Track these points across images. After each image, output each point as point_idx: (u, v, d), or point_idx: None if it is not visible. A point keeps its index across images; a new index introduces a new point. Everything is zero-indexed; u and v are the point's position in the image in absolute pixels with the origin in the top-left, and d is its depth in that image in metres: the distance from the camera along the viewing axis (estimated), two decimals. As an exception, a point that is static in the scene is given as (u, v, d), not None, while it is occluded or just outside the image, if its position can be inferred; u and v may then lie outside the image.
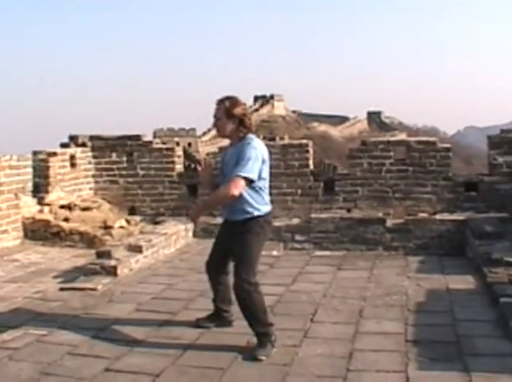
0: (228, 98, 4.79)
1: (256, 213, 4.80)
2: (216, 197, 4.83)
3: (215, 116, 4.80)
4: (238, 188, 4.59)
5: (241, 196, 4.69)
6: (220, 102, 4.78)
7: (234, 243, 4.83)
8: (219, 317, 5.24)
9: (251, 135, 4.81)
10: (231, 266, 4.96)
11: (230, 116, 4.73)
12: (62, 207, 10.04)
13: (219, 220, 5.78)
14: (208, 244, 5.32)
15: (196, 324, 5.22)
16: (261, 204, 4.82)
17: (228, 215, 4.92)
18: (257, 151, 4.68)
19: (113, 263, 7.12)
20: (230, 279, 4.98)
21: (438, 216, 8.80)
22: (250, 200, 4.76)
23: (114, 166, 11.26)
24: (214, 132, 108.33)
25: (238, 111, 4.75)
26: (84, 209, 10.17)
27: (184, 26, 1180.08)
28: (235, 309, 5.07)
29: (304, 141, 10.88)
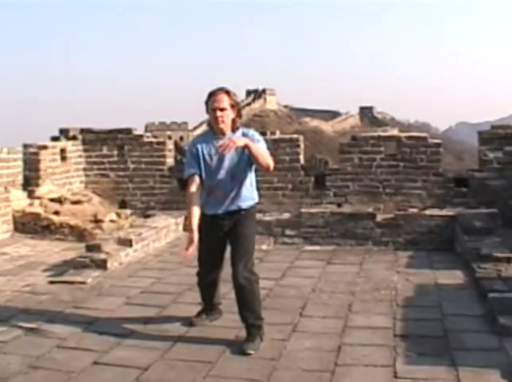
0: (227, 88, 4.68)
1: (257, 199, 4.86)
2: (263, 154, 4.61)
3: (221, 107, 4.60)
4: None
5: (250, 181, 4.74)
6: (225, 92, 4.63)
7: (233, 234, 4.74)
8: (212, 311, 5.21)
9: None
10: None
11: (234, 106, 4.66)
12: (52, 200, 10.01)
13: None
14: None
15: (190, 323, 5.10)
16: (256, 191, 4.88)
17: (229, 205, 4.71)
18: None
19: (103, 256, 7.11)
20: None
21: (428, 212, 8.82)
22: (254, 186, 4.83)
23: (105, 160, 11.25)
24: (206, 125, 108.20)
25: (238, 101, 4.74)
26: (74, 203, 10.15)
27: (172, 24, 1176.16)
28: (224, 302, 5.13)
29: (295, 135, 10.89)
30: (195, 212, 4.67)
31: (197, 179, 4.73)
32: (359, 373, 4.12)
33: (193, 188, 4.75)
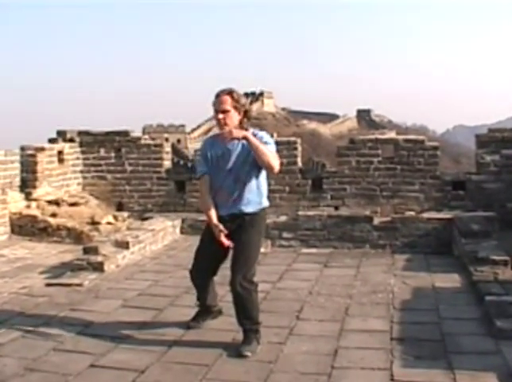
0: (232, 89, 4.60)
1: (264, 204, 4.78)
2: (266, 153, 4.47)
3: (222, 109, 4.53)
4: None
5: (256, 185, 4.68)
6: (227, 93, 4.55)
7: (236, 240, 4.63)
8: (208, 313, 5.18)
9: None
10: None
11: (238, 108, 4.57)
12: (49, 202, 10.00)
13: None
14: (195, 241, 5.17)
15: (187, 326, 5.07)
16: (266, 195, 4.82)
17: (233, 208, 4.66)
18: None
19: (100, 258, 7.11)
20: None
21: (425, 215, 8.83)
22: (262, 189, 4.75)
23: (102, 162, 11.25)
24: (205, 128, 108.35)
25: (244, 102, 4.65)
26: (72, 205, 10.14)
27: (172, 21, 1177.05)
28: (221, 305, 5.15)
29: (293, 138, 10.89)
30: (212, 209, 4.69)
31: (208, 178, 4.72)
32: (356, 376, 4.12)
33: (205, 187, 4.75)
